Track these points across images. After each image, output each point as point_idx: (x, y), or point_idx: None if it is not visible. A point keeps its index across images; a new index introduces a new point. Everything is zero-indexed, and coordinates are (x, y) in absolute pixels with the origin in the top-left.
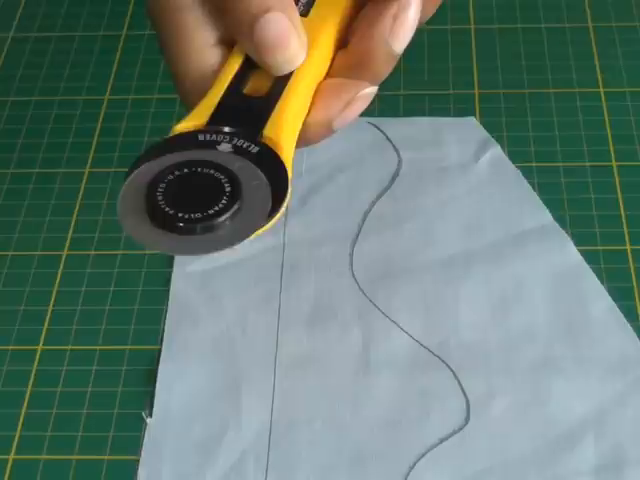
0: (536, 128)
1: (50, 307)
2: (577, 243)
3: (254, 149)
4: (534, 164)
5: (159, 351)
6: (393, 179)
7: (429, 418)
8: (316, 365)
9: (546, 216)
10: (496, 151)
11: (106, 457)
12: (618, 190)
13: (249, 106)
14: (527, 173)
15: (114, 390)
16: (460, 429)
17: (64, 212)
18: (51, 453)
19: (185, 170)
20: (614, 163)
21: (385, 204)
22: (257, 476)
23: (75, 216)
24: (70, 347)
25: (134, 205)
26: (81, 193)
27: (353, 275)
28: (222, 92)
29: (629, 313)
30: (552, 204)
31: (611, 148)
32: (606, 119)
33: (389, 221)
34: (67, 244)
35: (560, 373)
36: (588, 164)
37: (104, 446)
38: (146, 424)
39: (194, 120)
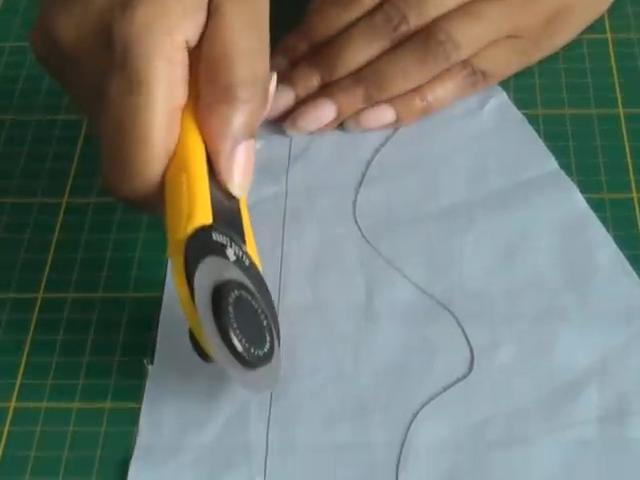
0: (542, 75)
1: (50, 256)
2: (583, 191)
3: (247, 261)
4: (540, 111)
5: (161, 299)
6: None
7: (433, 367)
8: (319, 314)
9: (552, 163)
10: (502, 98)
11: (107, 405)
12: (625, 138)
13: (225, 210)
14: (533, 120)
15: (115, 338)
16: (464, 378)
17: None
18: (52, 400)
19: (233, 294)
20: (621, 110)
21: (389, 152)
22: (259, 426)
23: None
24: (71, 295)
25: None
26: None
27: (357, 223)
28: (208, 189)
29: (635, 262)
30: (558, 151)
31: (618, 95)
32: (613, 65)
33: (393, 169)
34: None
35: (565, 322)
36: (594, 111)
37: (105, 394)
38: (148, 372)
39: (204, 217)
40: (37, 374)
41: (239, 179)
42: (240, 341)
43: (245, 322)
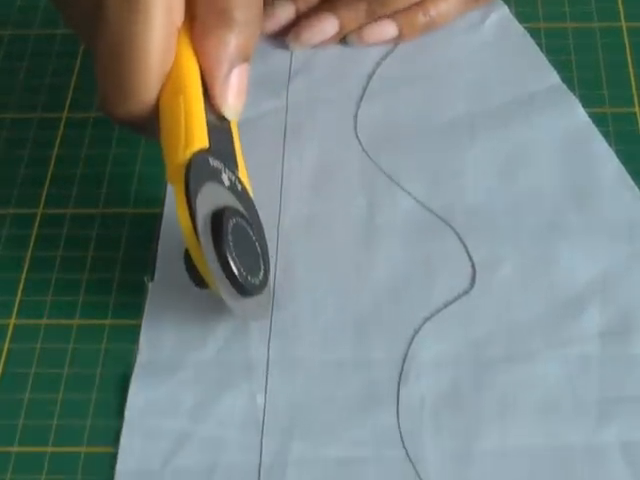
0: None
1: (50, 171)
2: (585, 105)
3: (240, 187)
4: (542, 25)
5: (161, 215)
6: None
7: (434, 282)
8: (319, 230)
9: (553, 77)
10: (503, 12)
11: (107, 322)
12: (627, 51)
13: (218, 133)
14: (535, 34)
15: (115, 254)
16: (465, 293)
17: None
18: (52, 318)
19: (231, 221)
20: (624, 24)
21: (390, 66)
22: (259, 343)
23: None
24: (70, 211)
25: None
26: None
27: (357, 138)
28: (204, 114)
29: (637, 177)
30: (560, 65)
31: (620, 8)
32: None
33: (394, 83)
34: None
35: (567, 238)
36: (597, 24)
37: (106, 311)
38: (148, 288)
39: (202, 141)
40: (37, 291)
41: (233, 102)
42: (238, 269)
43: (242, 249)
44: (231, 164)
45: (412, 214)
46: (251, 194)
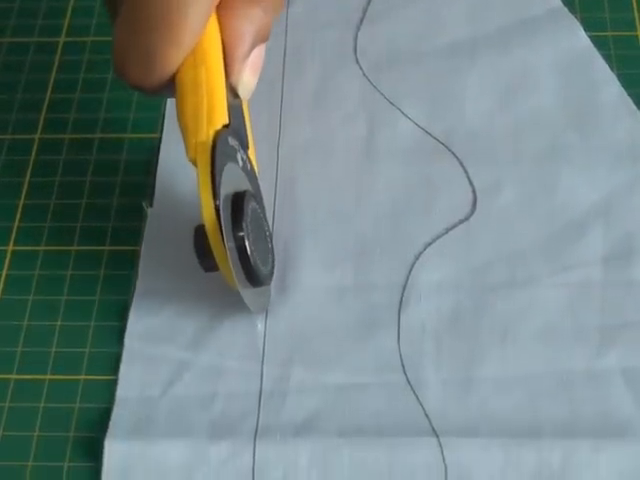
0: None
1: (48, 96)
2: (586, 29)
3: (249, 166)
4: None
5: (159, 140)
6: None
7: (435, 207)
8: (319, 152)
9: (555, 0)
10: None
11: (106, 248)
12: None
13: (232, 109)
14: None
15: (113, 180)
16: (466, 219)
17: None
18: (50, 244)
19: (250, 206)
20: None
21: None
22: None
23: None
24: (68, 136)
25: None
26: None
27: (357, 61)
28: (225, 89)
29: (639, 100)
30: None
31: None
32: None
33: (394, 4)
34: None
35: (568, 162)
36: None
37: (104, 237)
38: (147, 215)
39: (224, 117)
40: (35, 217)
41: (248, 80)
42: (253, 256)
43: (256, 236)
44: (243, 142)
45: (412, 138)
46: (257, 173)
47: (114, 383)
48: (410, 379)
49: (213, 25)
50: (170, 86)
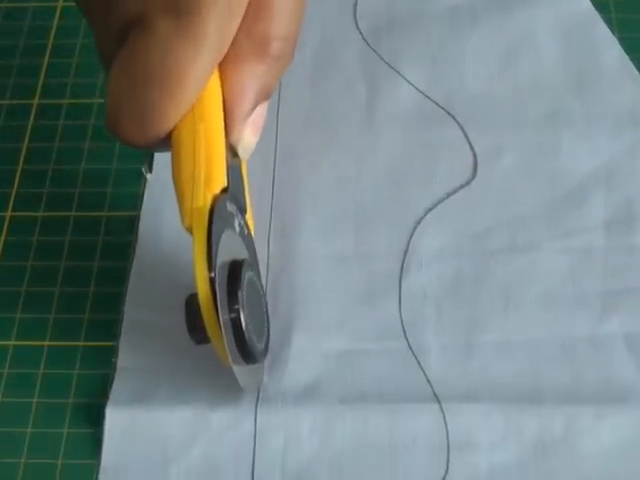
0: None
1: (46, 60)
2: None
3: (246, 231)
4: None
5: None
6: None
7: (435, 173)
8: (319, 121)
9: None
10: None
11: (104, 214)
12: None
13: (230, 169)
14: None
15: (112, 145)
16: (467, 184)
17: None
18: (49, 210)
19: (246, 277)
20: None
21: None
22: (258, 239)
23: None
24: (67, 101)
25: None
26: None
27: (357, 25)
28: (224, 148)
29: None
30: None
31: None
32: None
33: None
34: None
35: (569, 126)
36: None
37: (103, 203)
38: (146, 180)
39: (222, 180)
40: (33, 183)
41: (249, 140)
42: (249, 332)
43: (252, 309)
44: (241, 206)
45: (413, 103)
46: (252, 233)
47: (113, 350)
48: (411, 345)
49: (214, 78)
50: (164, 141)
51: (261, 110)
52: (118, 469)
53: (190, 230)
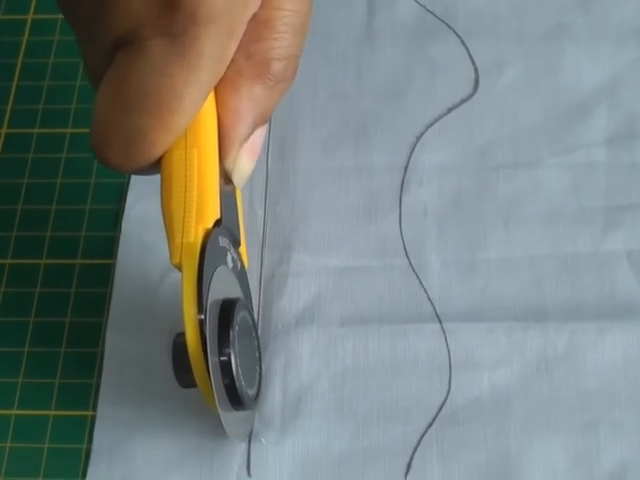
0: None
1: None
2: None
3: (239, 265)
4: None
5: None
6: None
7: (436, 87)
8: (318, 34)
9: None
10: None
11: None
12: None
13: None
14: None
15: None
16: (468, 98)
17: None
18: (44, 127)
19: (239, 317)
20: None
21: None
22: (256, 204)
23: None
24: (60, 17)
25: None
26: None
27: None
28: (218, 176)
29: None
30: None
31: None
32: None
33: None
34: None
35: (572, 41)
36: None
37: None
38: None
39: (215, 212)
40: (29, 101)
41: (245, 167)
42: (239, 377)
43: (243, 353)
44: (235, 239)
45: (413, 17)
46: (246, 266)
47: (110, 267)
48: (412, 262)
49: (209, 100)
50: (153, 165)
51: (259, 134)
52: None
53: (179, 267)
